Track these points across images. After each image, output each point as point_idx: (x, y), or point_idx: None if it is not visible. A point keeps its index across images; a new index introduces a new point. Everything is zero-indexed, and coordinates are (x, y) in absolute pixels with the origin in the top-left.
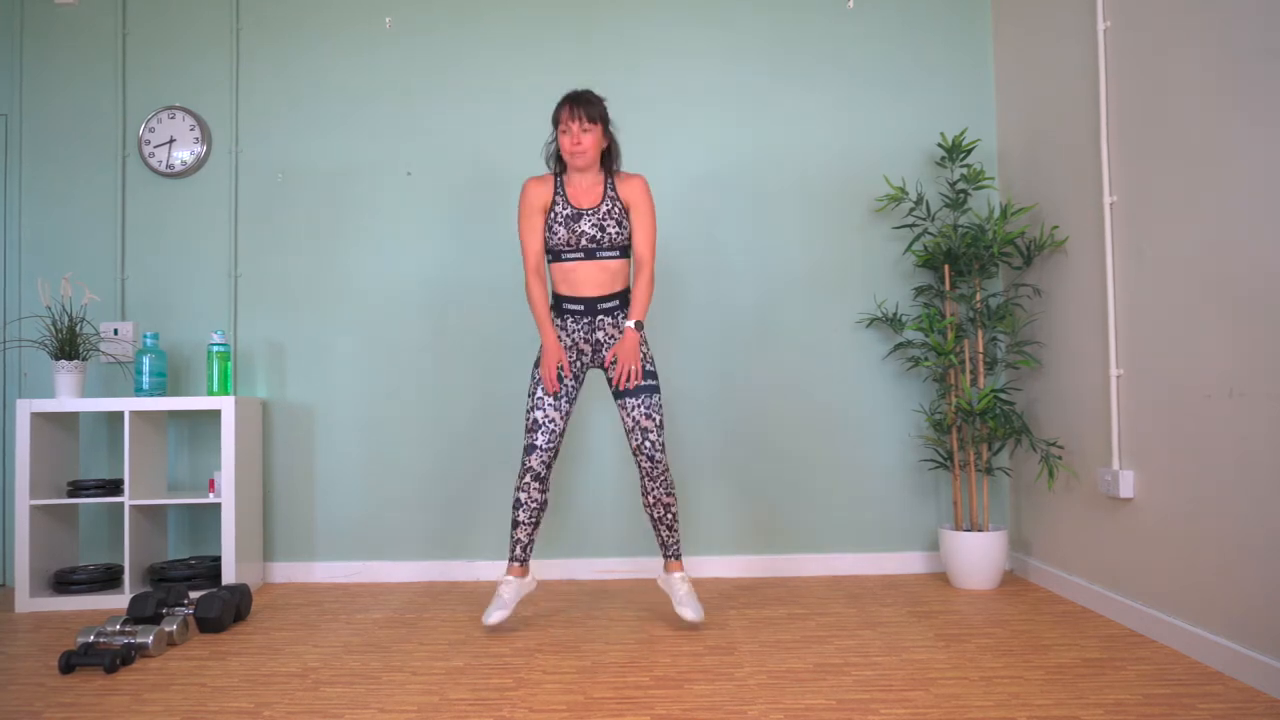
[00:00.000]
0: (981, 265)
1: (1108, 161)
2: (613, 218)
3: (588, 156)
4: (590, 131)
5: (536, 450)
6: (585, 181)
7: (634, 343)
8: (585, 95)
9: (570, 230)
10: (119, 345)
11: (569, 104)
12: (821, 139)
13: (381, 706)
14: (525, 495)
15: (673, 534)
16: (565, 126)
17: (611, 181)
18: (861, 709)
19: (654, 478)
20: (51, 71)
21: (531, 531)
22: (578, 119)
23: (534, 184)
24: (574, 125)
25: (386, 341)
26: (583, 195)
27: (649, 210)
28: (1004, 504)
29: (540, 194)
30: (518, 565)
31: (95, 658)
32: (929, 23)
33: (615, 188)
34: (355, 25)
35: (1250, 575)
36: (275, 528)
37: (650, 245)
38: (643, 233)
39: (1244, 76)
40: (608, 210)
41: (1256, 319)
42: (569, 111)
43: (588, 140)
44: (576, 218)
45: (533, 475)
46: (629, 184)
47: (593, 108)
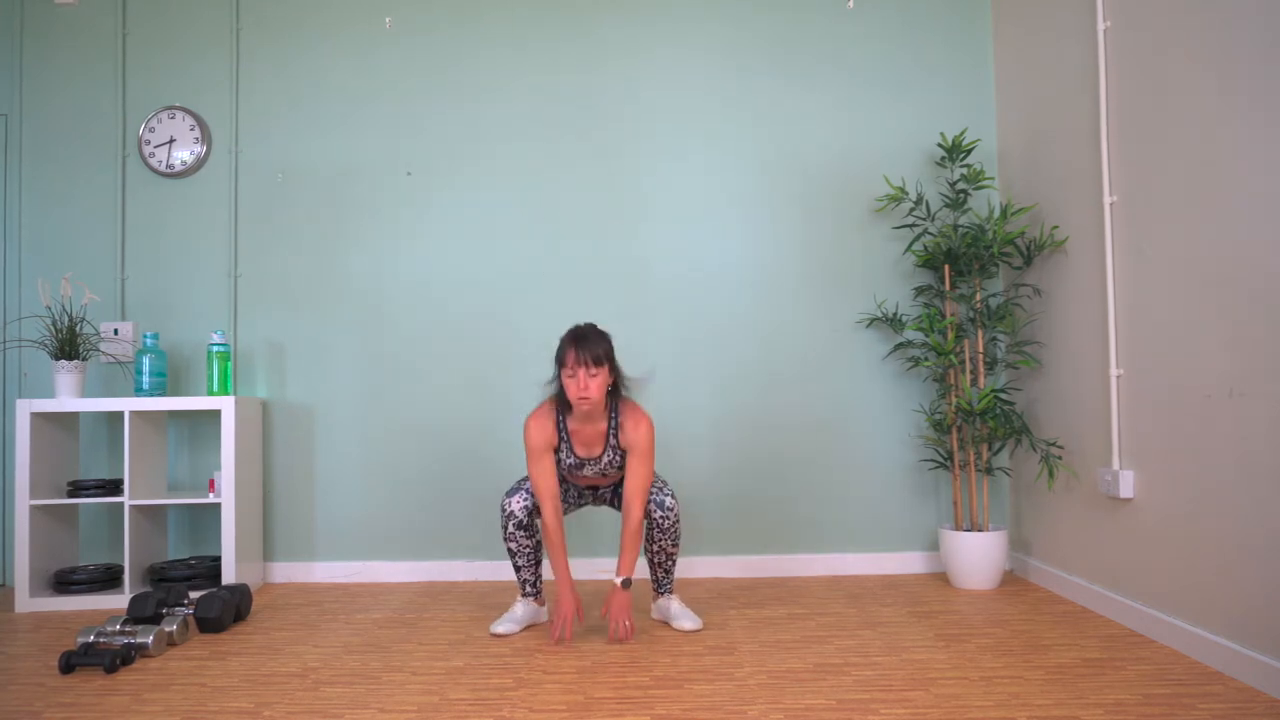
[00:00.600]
0: (981, 265)
1: (1108, 161)
2: (614, 465)
3: (593, 401)
4: (597, 375)
5: (520, 492)
6: (590, 424)
7: (625, 603)
8: (590, 335)
9: (573, 474)
10: (119, 345)
11: (574, 348)
12: (821, 139)
13: (381, 706)
14: (515, 545)
15: (668, 575)
16: (571, 371)
17: (615, 425)
18: (861, 709)
19: (665, 530)
20: (51, 71)
21: (535, 569)
22: (584, 364)
23: (537, 428)
24: (581, 371)
25: (386, 341)
26: (586, 446)
27: (648, 458)
28: (1004, 504)
29: (546, 438)
30: (532, 597)
31: (95, 658)
32: (929, 23)
33: (619, 434)
34: (355, 25)
35: (1250, 575)
36: (275, 528)
37: (644, 490)
38: (635, 479)
39: (1244, 76)
40: (610, 459)
41: (1256, 319)
42: (574, 356)
43: (595, 385)
44: (580, 466)
45: (515, 524)
46: (633, 433)
47: (599, 348)
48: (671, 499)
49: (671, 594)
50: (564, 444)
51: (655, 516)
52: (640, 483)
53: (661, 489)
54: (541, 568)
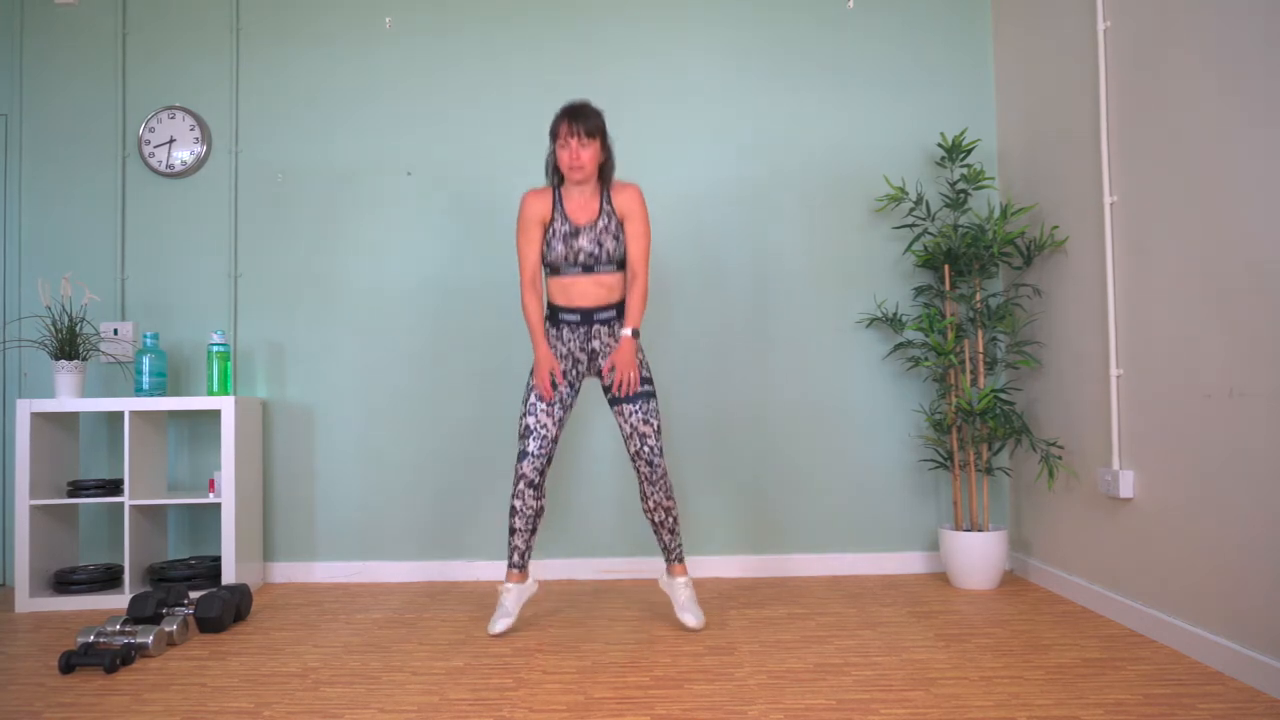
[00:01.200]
0: (981, 265)
1: (1108, 161)
2: (609, 233)
3: (586, 171)
4: (589, 146)
5: (529, 457)
6: (583, 196)
7: (631, 351)
8: (584, 109)
9: (568, 247)
10: (119, 345)
11: (567, 119)
12: (822, 139)
13: (381, 706)
14: (520, 503)
15: (674, 537)
16: (564, 141)
17: (607, 194)
18: (861, 709)
19: (653, 482)
20: (51, 71)
21: (529, 538)
22: (576, 135)
23: (533, 198)
24: (573, 141)
25: (386, 341)
26: (580, 210)
27: (644, 221)
28: (1004, 504)
29: (539, 208)
30: (517, 571)
31: (95, 658)
32: (929, 23)
33: (611, 200)
34: (355, 26)
35: (1250, 575)
36: (275, 528)
37: (645, 256)
38: (637, 244)
39: (1244, 76)
40: (604, 225)
41: (1256, 319)
42: (568, 127)
43: (586, 155)
44: (574, 234)
45: (526, 482)
46: (624, 195)
47: (591, 122)
48: (660, 458)
49: (683, 567)
50: (558, 212)
51: (643, 471)
52: (641, 247)
53: (653, 449)
54: (535, 538)
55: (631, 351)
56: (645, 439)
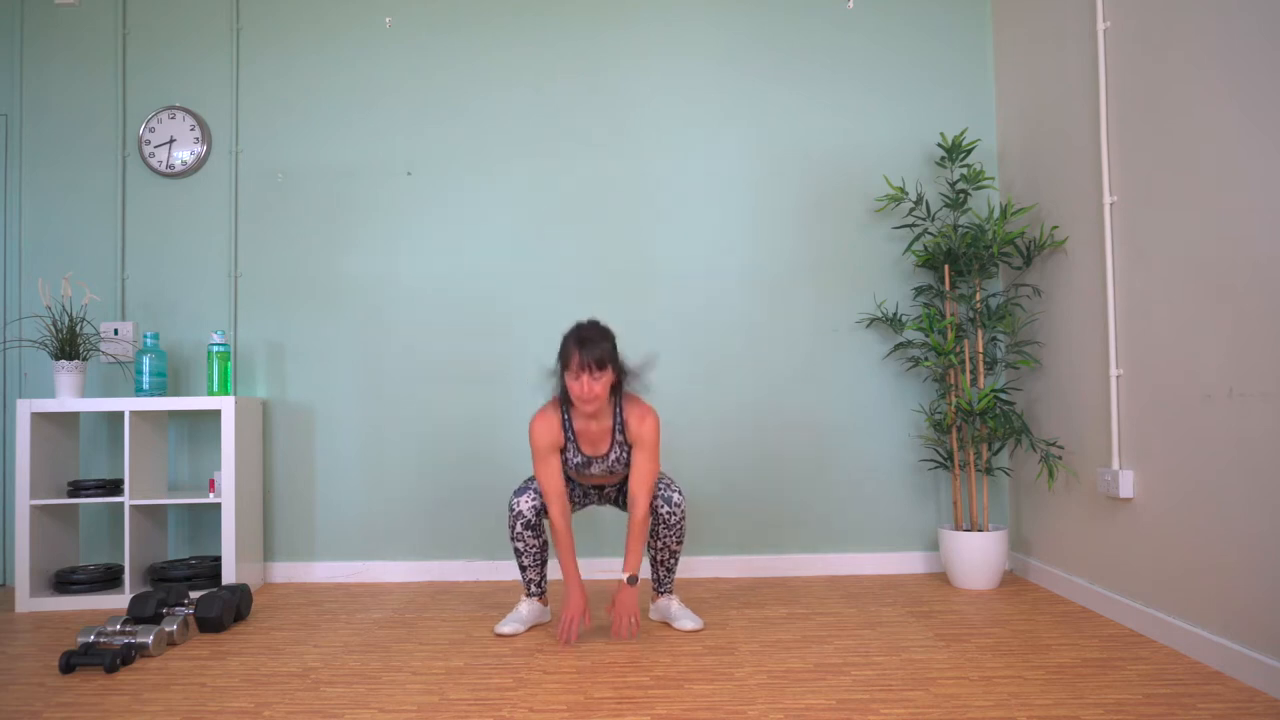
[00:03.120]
0: (981, 265)
1: (1108, 161)
2: (622, 462)
3: (598, 403)
4: (600, 380)
5: (528, 493)
6: (594, 424)
7: (631, 600)
8: (593, 337)
9: (580, 473)
10: (119, 345)
11: (578, 352)
12: (821, 139)
13: (381, 706)
14: (523, 545)
15: (670, 574)
16: (575, 374)
17: (620, 421)
18: (861, 709)
19: (670, 526)
20: (51, 71)
21: (541, 569)
22: (588, 369)
23: (543, 429)
24: (584, 376)
25: (386, 341)
26: (591, 442)
27: (653, 453)
28: (1004, 504)
29: (552, 438)
30: (536, 597)
31: (95, 657)
32: (929, 23)
33: (624, 429)
34: (355, 25)
35: (1250, 575)
36: (275, 528)
37: (649, 485)
38: (641, 475)
39: (1244, 76)
40: (617, 456)
41: (1256, 319)
42: (578, 361)
43: (598, 387)
44: (587, 464)
45: (524, 524)
46: (638, 428)
47: (602, 350)
48: (679, 495)
49: (672, 594)
50: (570, 443)
51: (662, 512)
52: (646, 478)
53: (669, 485)
54: (547, 568)
55: (633, 603)
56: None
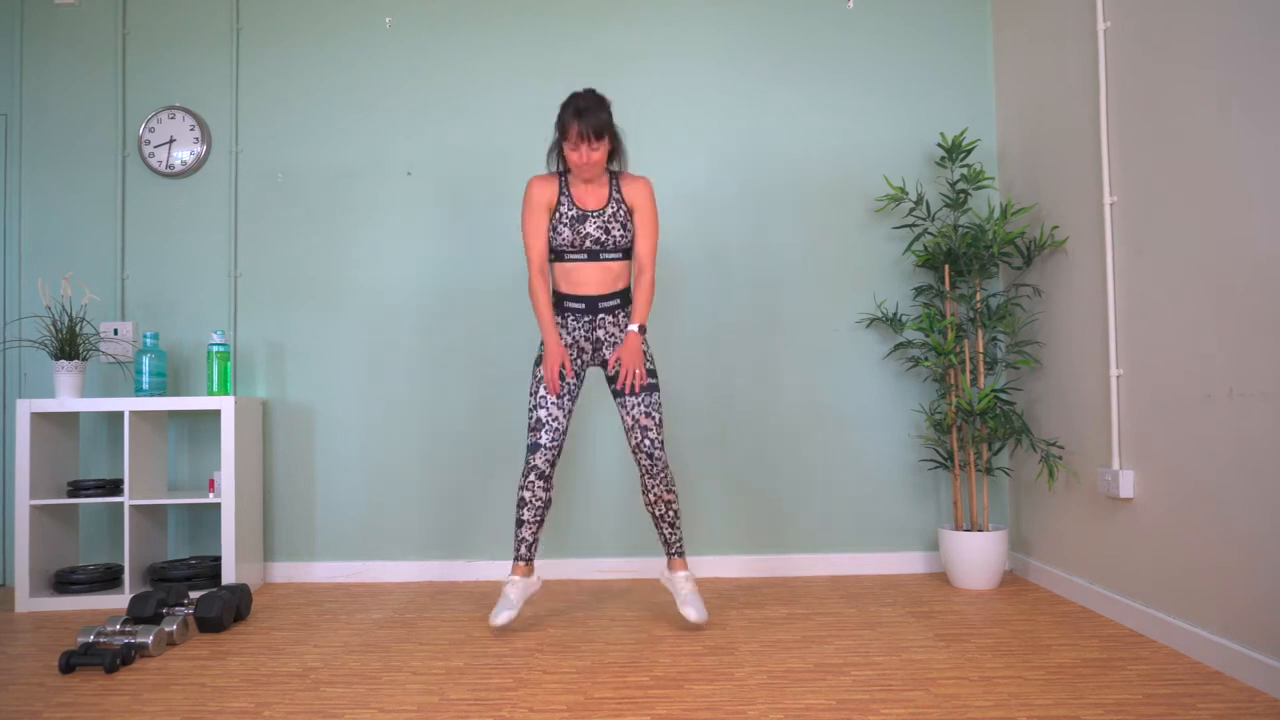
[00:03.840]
0: (981, 265)
1: (1108, 161)
2: (617, 220)
3: (595, 170)
4: (598, 148)
5: (541, 449)
6: (591, 187)
7: (637, 346)
8: (592, 107)
9: (575, 232)
10: (119, 345)
11: (576, 120)
12: (821, 139)
13: (381, 706)
14: (530, 494)
15: (675, 531)
16: (574, 143)
17: (617, 183)
18: (861, 709)
19: (654, 475)
20: (51, 71)
21: (536, 530)
22: (586, 138)
23: (539, 183)
24: (583, 145)
25: (387, 341)
26: (588, 196)
27: (652, 214)
28: (1004, 504)
29: (546, 193)
30: (523, 564)
31: (95, 658)
32: (929, 23)
33: (620, 189)
34: (355, 25)
35: (1250, 575)
36: (275, 528)
37: (652, 249)
38: (645, 236)
39: (1244, 76)
40: (613, 213)
41: (1256, 319)
42: (577, 130)
43: (595, 156)
44: (582, 219)
45: (537, 474)
46: (634, 187)
47: (600, 120)
48: (661, 451)
49: (684, 563)
50: (565, 197)
51: (644, 464)
52: (649, 240)
53: (654, 442)
54: (541, 530)
55: (638, 348)
56: (646, 432)
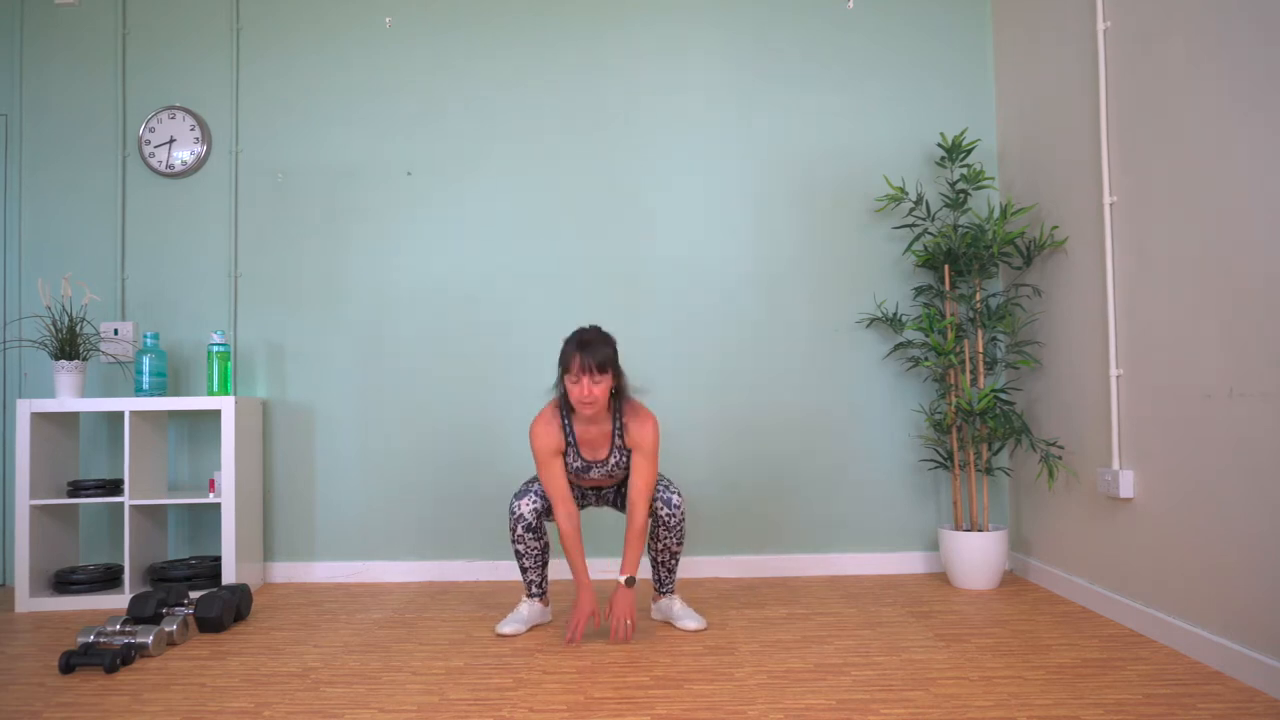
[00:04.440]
0: (981, 265)
1: (1108, 161)
2: (621, 466)
3: (598, 406)
4: (600, 383)
5: (530, 495)
6: (594, 428)
7: (629, 602)
8: (595, 341)
9: (579, 477)
10: (119, 345)
11: (579, 355)
12: (821, 139)
13: (381, 706)
14: (523, 547)
15: (671, 575)
16: (575, 377)
17: (620, 426)
18: (861, 709)
19: (670, 528)
20: (51, 71)
21: (542, 570)
22: (589, 371)
23: (544, 433)
24: (585, 379)
25: (387, 341)
26: (592, 448)
27: (653, 456)
28: (1004, 504)
29: (554, 442)
30: (537, 598)
31: (95, 658)
32: (929, 23)
33: (624, 433)
34: (355, 25)
35: (1250, 575)
36: (275, 528)
37: (648, 491)
38: (641, 478)
39: (1244, 76)
40: (616, 461)
41: (1257, 319)
42: (579, 363)
43: (598, 391)
44: (586, 469)
45: (525, 527)
46: (638, 431)
47: (603, 354)
48: (678, 497)
49: (673, 594)
50: (570, 448)
51: (661, 514)
52: (645, 482)
53: (668, 487)
54: (548, 569)
55: (630, 604)
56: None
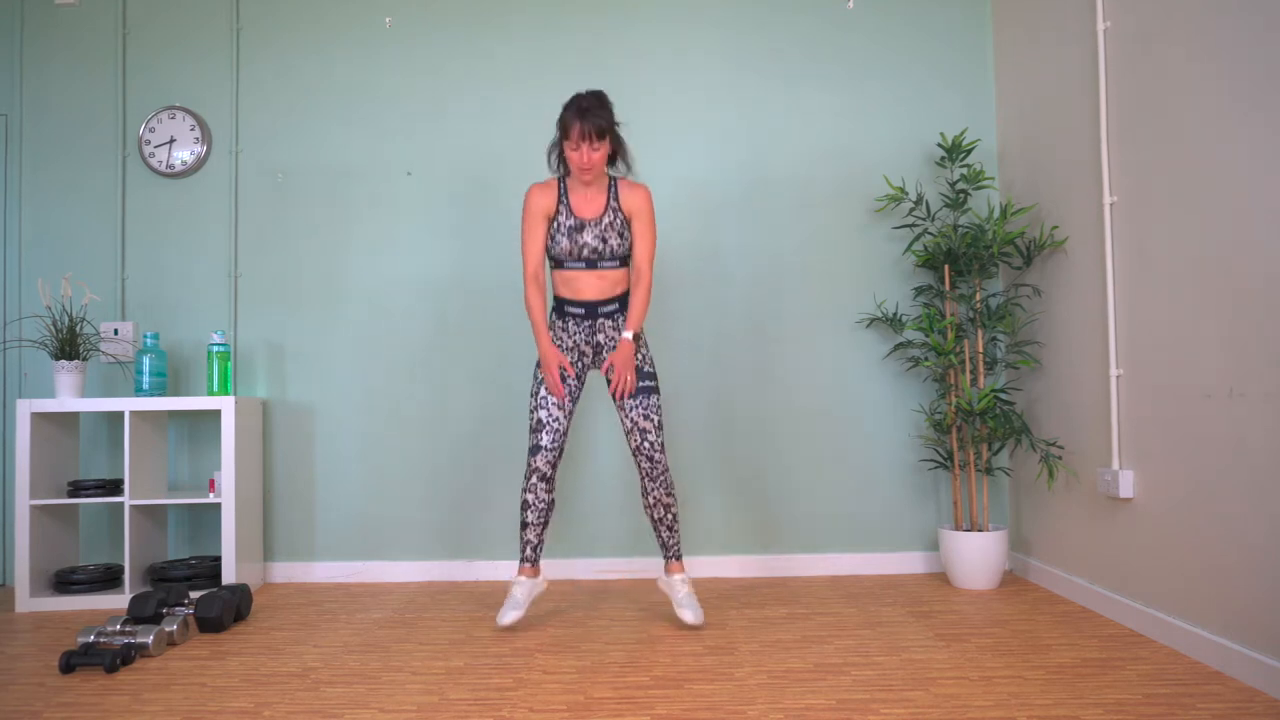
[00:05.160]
0: (981, 265)
1: (1108, 161)
2: (614, 229)
3: (596, 171)
4: (599, 149)
5: (542, 450)
6: (590, 189)
7: (629, 353)
8: (594, 107)
9: (573, 241)
10: (119, 345)
11: (578, 120)
12: (821, 139)
13: (381, 706)
14: (533, 496)
15: (673, 535)
16: (574, 143)
17: (615, 190)
18: (861, 709)
19: (654, 478)
20: (51, 71)
21: (541, 532)
22: (588, 138)
23: (538, 192)
24: (584, 145)
25: (387, 341)
26: (586, 205)
27: (650, 223)
28: (1004, 504)
29: (545, 202)
30: (529, 566)
31: (95, 658)
32: (929, 23)
33: (618, 197)
34: (355, 25)
35: (1250, 575)
36: (275, 528)
37: (649, 257)
38: (642, 244)
39: (1244, 76)
40: (609, 222)
41: (1256, 319)
42: (579, 129)
43: (596, 157)
44: (579, 229)
45: (539, 476)
46: (632, 196)
47: (601, 120)
48: (661, 454)
49: (681, 567)
50: (563, 206)
51: (643, 466)
52: (646, 247)
53: (654, 445)
54: (546, 532)
55: (630, 354)
56: (646, 434)
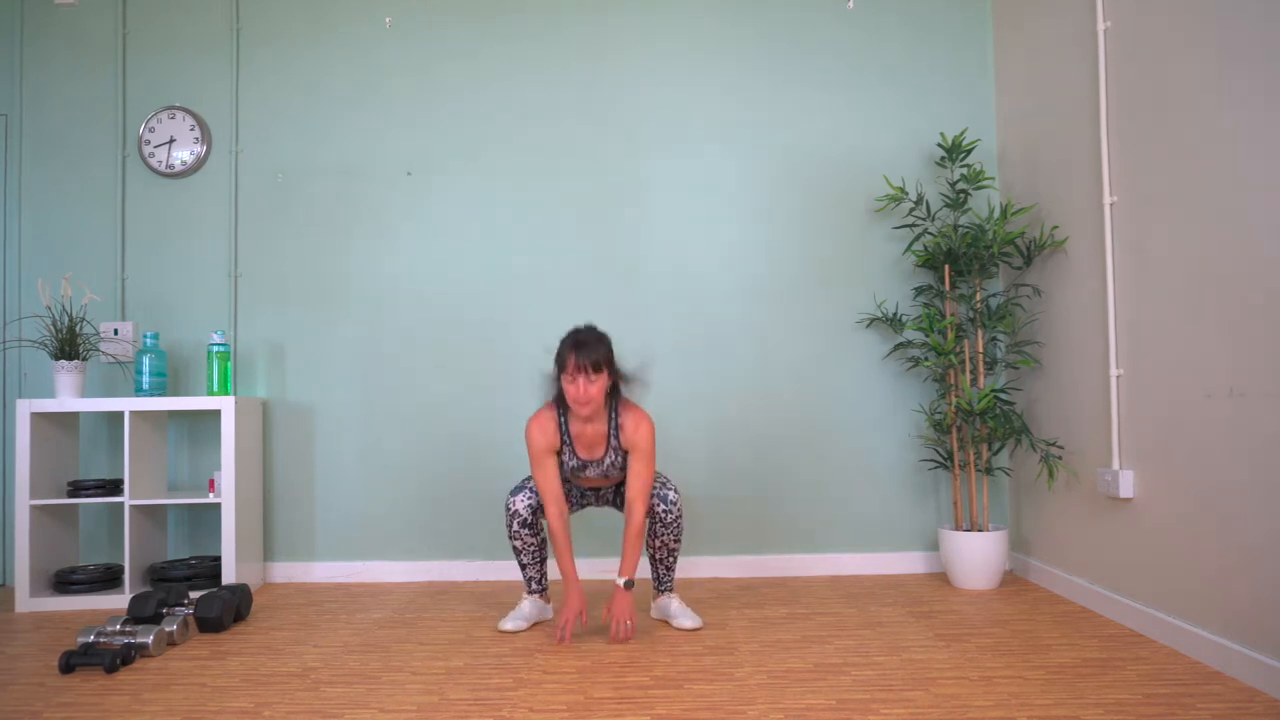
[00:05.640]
0: (981, 265)
1: (1108, 161)
2: (617, 466)
3: (594, 406)
4: (596, 382)
5: (524, 491)
6: (590, 427)
7: (626, 605)
8: (590, 341)
9: (575, 476)
10: (119, 345)
11: (574, 354)
12: (821, 139)
13: (381, 706)
14: (520, 543)
15: (669, 572)
16: (571, 376)
17: (615, 426)
18: (861, 709)
19: (668, 525)
20: (51, 71)
21: (540, 566)
22: (584, 371)
23: (539, 432)
24: (580, 378)
25: (387, 341)
26: (588, 445)
27: (649, 458)
28: (1004, 504)
29: (548, 440)
30: (538, 594)
31: (95, 658)
32: (929, 23)
33: (619, 433)
34: (355, 25)
35: (1250, 575)
36: (275, 528)
37: (646, 492)
38: (638, 477)
39: (1244, 76)
40: (612, 461)
41: (1256, 319)
42: (574, 363)
43: (593, 390)
44: (582, 468)
45: (520, 523)
46: (634, 432)
47: (598, 354)
48: (674, 494)
49: (672, 593)
50: (566, 447)
51: (658, 511)
52: (642, 484)
53: (665, 484)
54: (547, 565)
55: (626, 605)
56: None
